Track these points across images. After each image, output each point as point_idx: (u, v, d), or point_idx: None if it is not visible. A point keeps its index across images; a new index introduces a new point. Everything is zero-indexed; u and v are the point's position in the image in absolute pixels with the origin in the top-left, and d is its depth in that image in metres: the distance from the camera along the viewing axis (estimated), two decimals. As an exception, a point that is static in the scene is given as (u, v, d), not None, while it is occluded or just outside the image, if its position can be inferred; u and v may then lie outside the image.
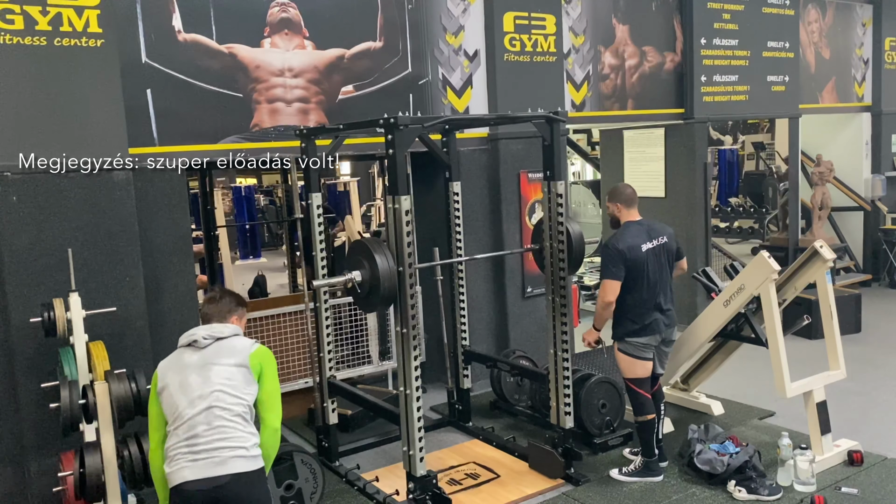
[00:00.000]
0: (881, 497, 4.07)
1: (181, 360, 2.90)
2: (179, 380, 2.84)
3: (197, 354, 2.90)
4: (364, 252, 3.87)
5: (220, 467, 2.71)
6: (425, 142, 4.71)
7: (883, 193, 9.52)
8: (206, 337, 2.93)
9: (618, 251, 4.24)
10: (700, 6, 7.49)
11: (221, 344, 2.94)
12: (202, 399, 2.78)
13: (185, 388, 2.81)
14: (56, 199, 4.23)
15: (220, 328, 2.99)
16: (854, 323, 7.33)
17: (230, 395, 2.81)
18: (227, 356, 2.89)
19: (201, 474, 2.69)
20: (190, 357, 2.90)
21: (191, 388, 2.80)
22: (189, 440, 2.73)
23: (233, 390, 2.82)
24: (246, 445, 2.77)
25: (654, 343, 4.38)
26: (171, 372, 2.88)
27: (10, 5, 4.06)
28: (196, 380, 2.82)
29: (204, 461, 2.71)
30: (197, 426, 2.75)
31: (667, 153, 7.87)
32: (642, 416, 4.35)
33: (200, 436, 2.73)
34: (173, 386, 2.84)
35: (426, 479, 3.98)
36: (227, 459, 2.72)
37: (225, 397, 2.80)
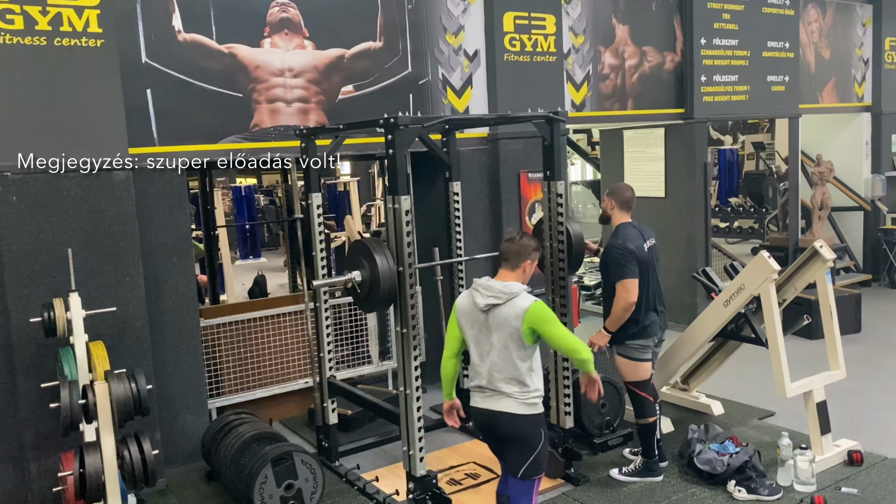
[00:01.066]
0: (881, 497, 4.07)
1: (472, 312, 3.35)
2: (473, 333, 3.36)
3: (482, 316, 3.32)
4: (364, 252, 3.87)
5: (495, 404, 3.32)
6: (425, 142, 4.71)
7: (883, 193, 9.51)
8: (484, 307, 3.29)
9: (629, 250, 4.22)
10: (700, 6, 7.49)
11: (497, 312, 3.27)
12: (487, 357, 3.31)
13: (476, 342, 3.36)
14: (56, 199, 4.23)
15: (498, 289, 3.29)
16: (854, 323, 7.33)
17: (505, 364, 3.28)
18: (502, 327, 3.27)
19: (483, 405, 3.36)
20: (477, 315, 3.33)
21: (480, 345, 3.34)
22: (479, 378, 3.36)
23: (506, 361, 3.27)
24: (516, 396, 3.28)
25: (652, 344, 4.38)
26: (465, 319, 3.39)
27: (10, 5, 4.07)
28: (482, 338, 3.33)
29: (486, 397, 3.35)
30: (482, 374, 3.34)
31: (667, 153, 7.87)
32: (645, 419, 4.35)
33: (484, 380, 3.33)
34: (468, 334, 3.39)
35: (426, 479, 3.98)
36: (501, 399, 3.30)
37: (500, 364, 3.28)
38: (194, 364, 4.91)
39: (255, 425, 4.48)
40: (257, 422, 4.62)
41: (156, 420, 4.62)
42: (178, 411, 4.86)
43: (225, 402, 5.30)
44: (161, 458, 4.51)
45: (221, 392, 5.33)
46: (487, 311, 3.29)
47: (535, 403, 3.30)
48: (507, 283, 3.32)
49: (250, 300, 7.61)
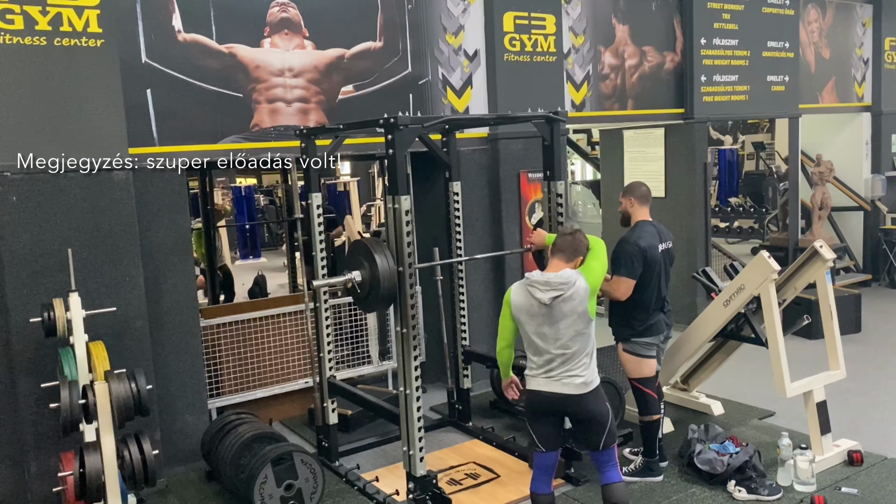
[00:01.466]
0: (881, 497, 4.07)
1: (531, 307, 3.41)
2: (534, 326, 3.43)
3: (544, 309, 3.38)
4: (364, 252, 3.87)
5: (566, 387, 3.42)
6: (425, 142, 4.71)
7: (883, 193, 9.51)
8: (547, 302, 3.36)
9: (639, 248, 4.21)
10: (700, 6, 7.49)
11: (562, 303, 3.36)
12: (554, 344, 3.40)
13: (539, 334, 3.42)
14: (56, 199, 4.23)
15: (557, 283, 3.38)
16: (854, 323, 7.33)
17: (578, 346, 3.41)
18: (568, 315, 3.38)
19: (553, 389, 3.43)
20: (539, 309, 3.39)
21: (544, 336, 3.41)
22: (546, 365, 3.44)
23: (578, 343, 3.41)
24: (586, 376, 3.43)
25: (658, 342, 4.39)
26: (524, 314, 3.45)
27: (10, 5, 4.06)
28: (546, 329, 3.40)
29: (553, 381, 3.43)
30: (549, 361, 3.42)
31: (667, 153, 7.87)
32: (648, 416, 4.35)
33: (552, 365, 3.43)
34: (528, 327, 3.45)
35: (426, 479, 3.98)
36: (575, 381, 3.42)
37: (573, 348, 3.40)
38: (194, 364, 4.91)
39: (255, 425, 4.48)
40: (257, 422, 4.62)
41: (156, 420, 4.62)
42: (178, 411, 4.86)
43: (225, 402, 5.30)
44: (161, 458, 4.51)
45: (221, 392, 5.33)
46: (550, 304, 3.38)
47: (597, 377, 3.51)
48: (561, 273, 3.43)
49: (250, 300, 7.61)
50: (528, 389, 3.53)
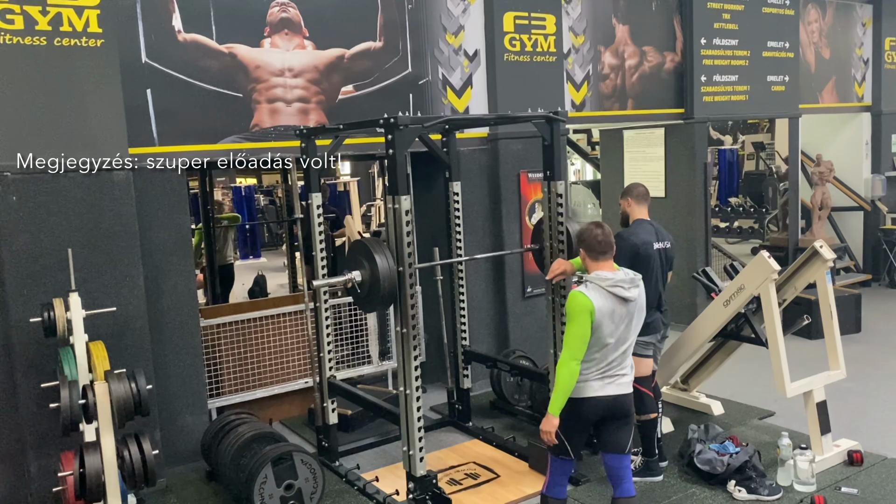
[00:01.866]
0: (881, 497, 4.07)
1: (616, 309, 3.29)
2: (612, 328, 3.29)
3: (626, 308, 3.32)
4: (364, 252, 3.87)
5: (621, 388, 3.37)
6: (425, 142, 4.71)
7: (883, 193, 9.52)
8: (635, 298, 3.33)
9: (632, 244, 4.25)
10: (700, 6, 7.49)
11: (638, 299, 3.36)
12: (621, 345, 3.34)
13: (613, 335, 3.30)
14: (56, 199, 4.23)
15: (632, 277, 3.36)
16: (854, 323, 7.33)
17: (632, 345, 3.42)
18: (640, 312, 3.38)
19: (611, 392, 3.34)
20: (622, 310, 3.31)
21: (617, 336, 3.32)
22: (606, 368, 3.34)
23: (633, 343, 3.43)
24: (630, 374, 3.43)
25: (655, 341, 4.40)
26: (609, 319, 3.28)
27: (10, 5, 4.06)
28: (622, 329, 3.33)
29: (608, 384, 3.34)
30: (609, 363, 3.33)
31: (667, 153, 7.87)
32: (646, 415, 4.36)
33: (612, 367, 3.35)
34: (607, 330, 3.28)
35: (426, 479, 3.98)
36: (625, 380, 3.39)
37: (630, 348, 3.41)
38: (194, 364, 4.91)
39: (255, 425, 4.48)
40: (257, 422, 4.62)
41: (156, 420, 4.62)
42: (178, 411, 4.86)
43: (225, 402, 5.30)
44: (161, 458, 4.51)
45: (221, 392, 5.33)
46: (631, 302, 3.33)
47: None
48: (626, 270, 3.41)
49: (250, 300, 7.61)
50: (577, 398, 3.31)
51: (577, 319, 3.24)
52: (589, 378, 3.31)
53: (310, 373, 5.43)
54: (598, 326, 3.26)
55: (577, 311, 3.25)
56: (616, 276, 3.30)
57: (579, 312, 3.24)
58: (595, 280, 3.31)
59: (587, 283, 3.34)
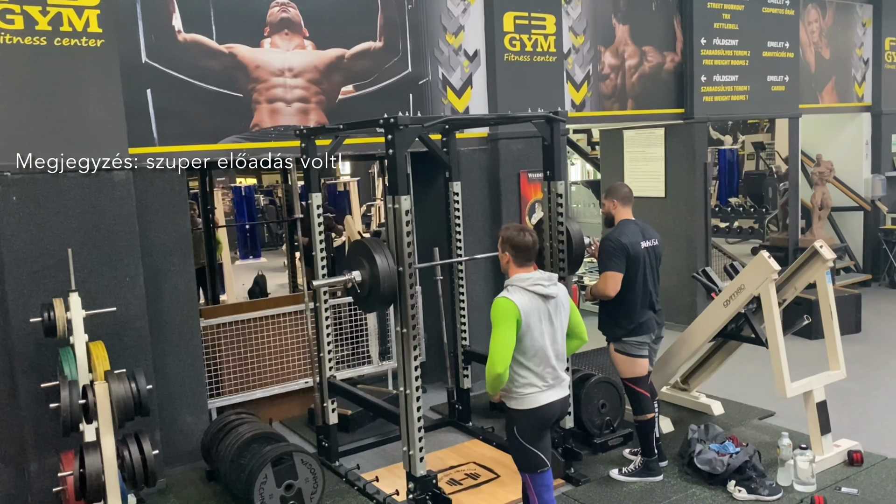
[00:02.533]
0: (881, 497, 4.07)
1: (539, 307, 3.32)
2: (541, 328, 3.31)
3: (549, 304, 3.34)
4: (364, 252, 3.87)
5: (563, 391, 3.44)
6: (425, 142, 4.71)
7: (883, 193, 9.51)
8: (554, 294, 3.35)
9: (621, 244, 4.26)
10: (700, 6, 7.49)
11: (558, 298, 3.38)
12: (552, 346, 3.35)
13: (544, 334, 3.32)
14: (56, 199, 4.23)
15: (550, 276, 3.39)
16: (854, 323, 7.33)
17: (563, 346, 3.43)
18: (561, 311, 3.41)
19: (556, 397, 3.38)
20: (543, 308, 3.33)
21: (547, 336, 3.33)
22: (551, 373, 3.36)
23: (563, 343, 3.44)
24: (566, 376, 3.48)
25: (649, 341, 4.40)
26: (534, 317, 3.29)
27: (10, 5, 4.06)
28: (548, 328, 3.34)
29: (554, 388, 3.38)
30: (551, 367, 3.35)
31: (667, 153, 7.87)
32: (642, 415, 4.36)
33: (554, 371, 3.37)
34: (536, 331, 3.29)
35: (426, 479, 3.98)
36: (564, 383, 3.46)
37: (561, 348, 3.42)
38: (194, 364, 4.91)
39: (255, 425, 4.48)
40: (257, 422, 4.62)
41: (156, 420, 4.62)
42: (178, 411, 4.86)
43: (225, 402, 5.30)
44: (161, 458, 4.51)
45: (221, 392, 5.33)
46: (553, 299, 3.36)
47: None
48: (543, 271, 3.44)
49: (250, 300, 7.61)
50: (531, 409, 3.30)
51: (501, 325, 3.21)
52: (540, 387, 3.32)
53: (310, 373, 5.43)
54: (528, 328, 3.25)
55: (501, 317, 3.21)
56: (535, 275, 3.35)
57: (504, 317, 3.21)
58: (515, 283, 3.34)
59: (507, 287, 3.35)
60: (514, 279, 3.35)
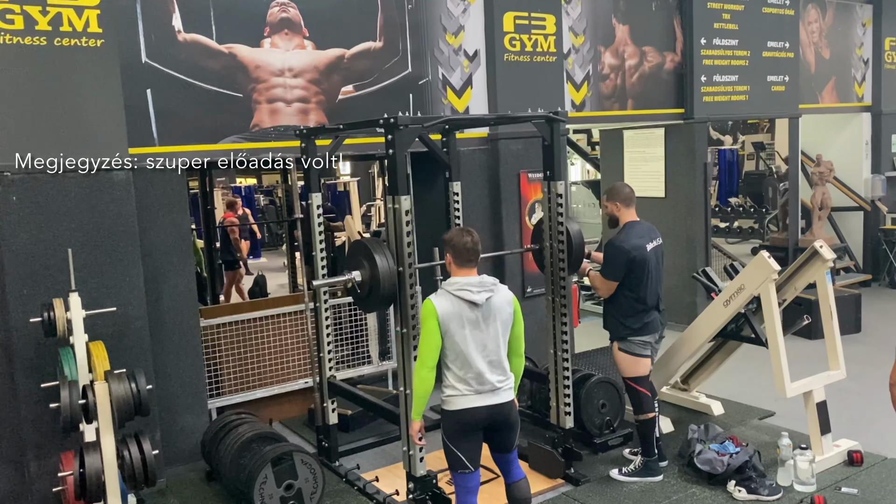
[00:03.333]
0: (881, 497, 4.07)
1: (462, 312, 3.28)
2: (464, 333, 3.28)
3: (476, 312, 3.29)
4: (364, 252, 3.87)
5: (498, 397, 3.36)
6: (425, 142, 4.71)
7: (883, 193, 9.52)
8: (481, 302, 3.29)
9: (624, 252, 4.26)
10: (700, 6, 7.49)
11: (492, 303, 3.32)
12: (482, 352, 3.31)
13: (468, 341, 3.28)
14: (56, 199, 4.23)
15: (489, 282, 3.36)
16: (854, 323, 7.33)
17: (499, 353, 3.36)
18: (497, 316, 3.34)
19: (487, 402, 3.33)
20: (469, 314, 3.29)
21: (473, 343, 3.29)
22: (476, 378, 3.31)
23: (500, 350, 3.36)
24: (507, 384, 3.40)
25: (652, 341, 4.41)
26: (455, 322, 3.27)
27: (10, 5, 4.06)
28: (476, 335, 3.30)
29: (486, 394, 3.33)
30: (477, 372, 3.30)
31: (667, 153, 7.87)
32: (643, 415, 4.36)
33: (483, 376, 3.31)
34: (458, 336, 3.28)
35: (426, 479, 3.98)
36: (502, 390, 3.37)
37: (496, 355, 3.35)
38: (194, 364, 4.91)
39: (255, 425, 4.48)
40: (257, 422, 4.62)
41: (156, 420, 4.62)
42: (178, 411, 4.86)
43: (225, 402, 5.30)
44: (161, 458, 4.51)
45: (221, 392, 5.33)
46: (481, 306, 3.31)
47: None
48: (484, 276, 3.40)
49: (250, 300, 7.61)
50: (453, 411, 3.34)
51: (425, 326, 3.29)
52: (462, 391, 3.32)
53: (310, 373, 5.43)
54: (447, 330, 3.27)
55: (424, 318, 3.30)
56: (464, 280, 3.33)
57: (426, 318, 3.29)
58: (445, 286, 3.36)
59: (439, 289, 3.39)
60: (446, 282, 3.38)
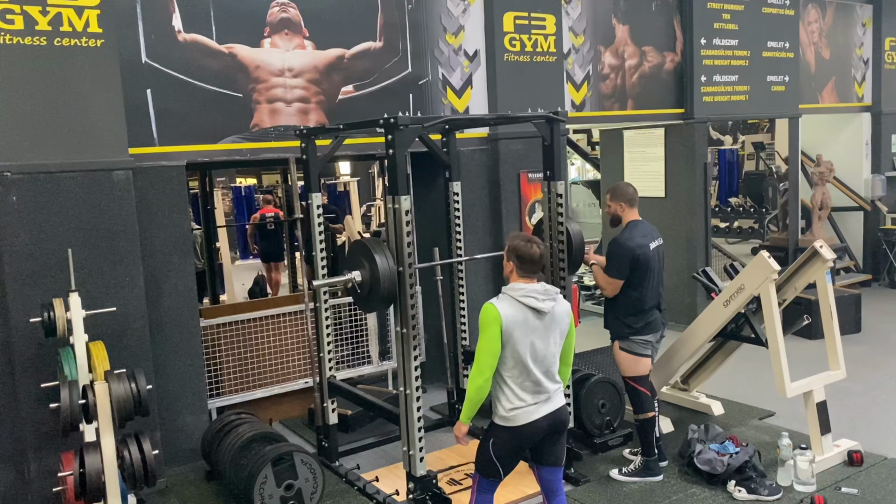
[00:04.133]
0: (881, 497, 4.07)
1: (528, 320, 3.21)
2: (529, 341, 3.21)
3: (539, 321, 3.22)
4: (364, 252, 3.87)
5: (554, 404, 3.30)
6: (425, 142, 4.71)
7: (883, 193, 9.52)
8: (547, 310, 3.22)
9: (629, 249, 4.26)
10: (700, 6, 7.49)
11: (554, 313, 3.26)
12: (542, 361, 3.24)
13: (530, 349, 3.21)
14: (56, 199, 4.23)
15: (552, 291, 3.29)
16: (854, 323, 7.33)
17: (554, 362, 3.30)
18: (557, 326, 3.29)
19: (546, 410, 3.27)
20: (534, 322, 3.22)
21: (535, 351, 3.22)
22: (534, 388, 3.25)
23: (555, 359, 3.31)
24: (560, 390, 3.36)
25: (654, 340, 4.41)
26: (520, 329, 3.19)
27: (10, 5, 4.07)
28: (540, 343, 3.23)
29: (543, 403, 3.27)
30: (536, 381, 3.24)
31: (667, 153, 7.87)
32: (643, 414, 4.36)
33: (540, 386, 3.26)
34: (522, 344, 3.19)
35: (426, 479, 3.98)
36: (556, 396, 3.32)
37: (552, 364, 3.29)
38: (194, 364, 4.91)
39: (255, 425, 4.48)
40: (257, 422, 4.62)
41: (156, 420, 4.62)
42: (178, 411, 4.86)
43: (225, 402, 5.30)
44: (161, 458, 4.51)
45: (221, 392, 5.33)
46: (546, 314, 3.23)
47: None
48: (546, 285, 3.31)
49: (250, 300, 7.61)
50: (516, 427, 3.22)
51: (486, 331, 3.17)
52: (527, 402, 3.22)
53: (310, 373, 5.43)
54: (509, 337, 3.16)
55: (486, 323, 3.18)
56: (529, 287, 3.23)
57: (488, 324, 3.17)
58: (508, 291, 3.26)
59: (500, 293, 3.28)
60: (509, 287, 3.28)
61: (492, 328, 3.16)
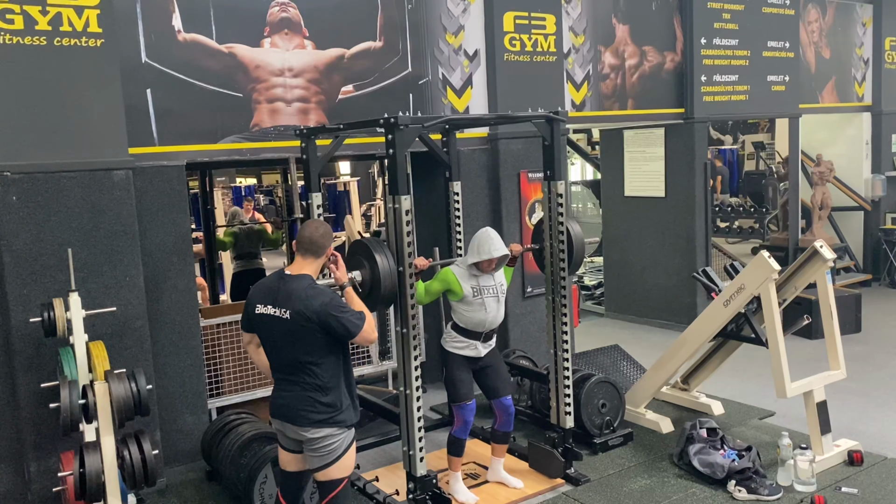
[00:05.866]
0: (881, 497, 4.07)
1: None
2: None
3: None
4: (364, 252, 3.87)
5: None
6: (425, 142, 4.71)
7: (883, 193, 9.52)
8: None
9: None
10: (700, 6, 7.49)
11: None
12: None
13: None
14: (56, 199, 4.23)
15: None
16: (854, 323, 7.33)
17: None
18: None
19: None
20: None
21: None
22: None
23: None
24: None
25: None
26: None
27: (10, 5, 4.07)
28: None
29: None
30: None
31: (667, 153, 7.87)
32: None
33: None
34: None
35: (426, 479, 3.98)
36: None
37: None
38: (194, 364, 4.91)
39: (255, 425, 4.48)
40: (257, 422, 4.61)
41: (156, 420, 4.62)
42: (178, 411, 4.86)
43: (225, 402, 5.30)
44: (161, 458, 4.51)
45: (221, 392, 5.32)
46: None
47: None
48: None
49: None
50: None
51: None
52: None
53: (310, 373, 5.41)
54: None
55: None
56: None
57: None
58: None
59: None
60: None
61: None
